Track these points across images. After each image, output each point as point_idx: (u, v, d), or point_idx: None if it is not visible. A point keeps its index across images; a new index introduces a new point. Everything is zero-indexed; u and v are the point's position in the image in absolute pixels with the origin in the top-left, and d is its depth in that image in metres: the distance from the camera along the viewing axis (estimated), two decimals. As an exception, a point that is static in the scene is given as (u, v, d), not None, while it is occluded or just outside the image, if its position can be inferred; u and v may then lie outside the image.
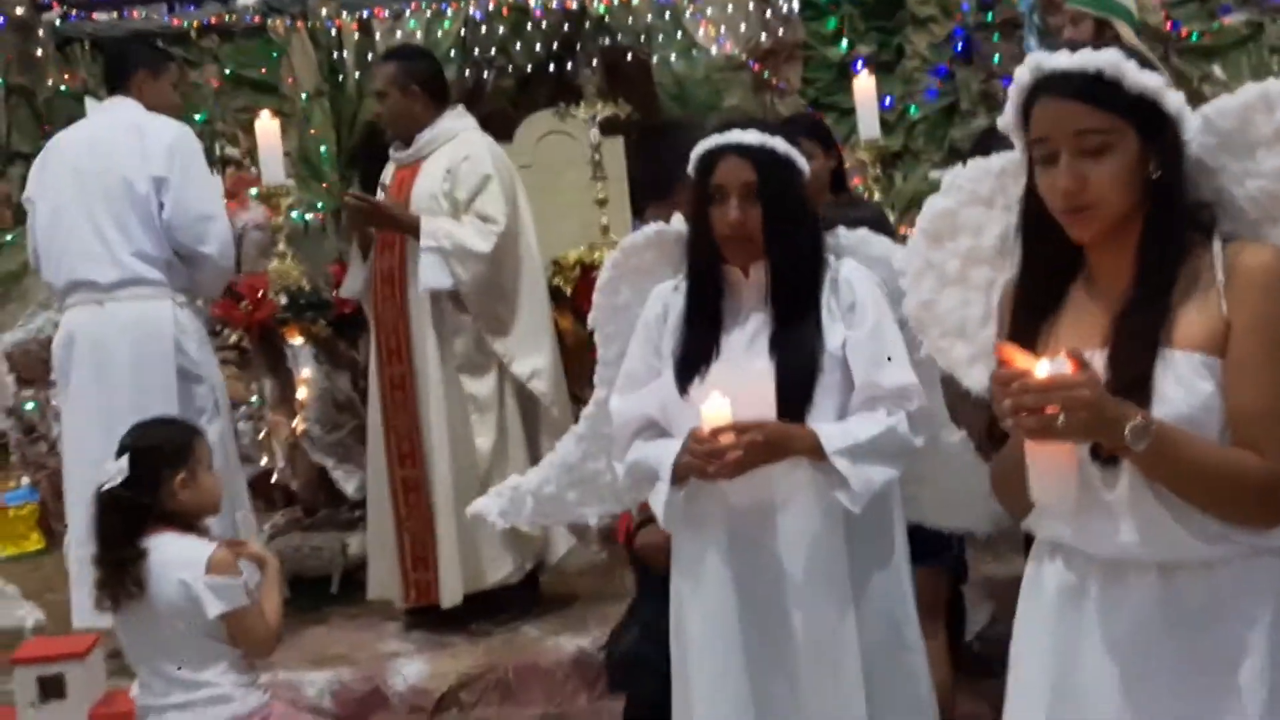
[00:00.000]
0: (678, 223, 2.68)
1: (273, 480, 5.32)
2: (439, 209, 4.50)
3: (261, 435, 5.35)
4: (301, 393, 5.06)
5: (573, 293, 4.99)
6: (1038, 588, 1.95)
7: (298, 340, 5.02)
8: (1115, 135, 1.80)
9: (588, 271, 4.84)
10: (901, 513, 2.63)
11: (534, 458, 4.57)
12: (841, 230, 2.63)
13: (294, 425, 5.06)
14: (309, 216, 6.31)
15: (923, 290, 2.23)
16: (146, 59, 4.70)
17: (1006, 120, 1.94)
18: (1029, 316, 1.92)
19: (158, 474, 2.96)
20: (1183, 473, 1.73)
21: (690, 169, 2.58)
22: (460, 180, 4.49)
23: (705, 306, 2.55)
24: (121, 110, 4.58)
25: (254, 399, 5.41)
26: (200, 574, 2.88)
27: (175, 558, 2.91)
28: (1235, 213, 1.89)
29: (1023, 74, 1.86)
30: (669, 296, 2.63)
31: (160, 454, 2.99)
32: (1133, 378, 1.75)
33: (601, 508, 2.89)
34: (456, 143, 4.59)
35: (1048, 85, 1.83)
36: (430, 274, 4.43)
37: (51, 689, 3.84)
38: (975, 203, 2.14)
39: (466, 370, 4.56)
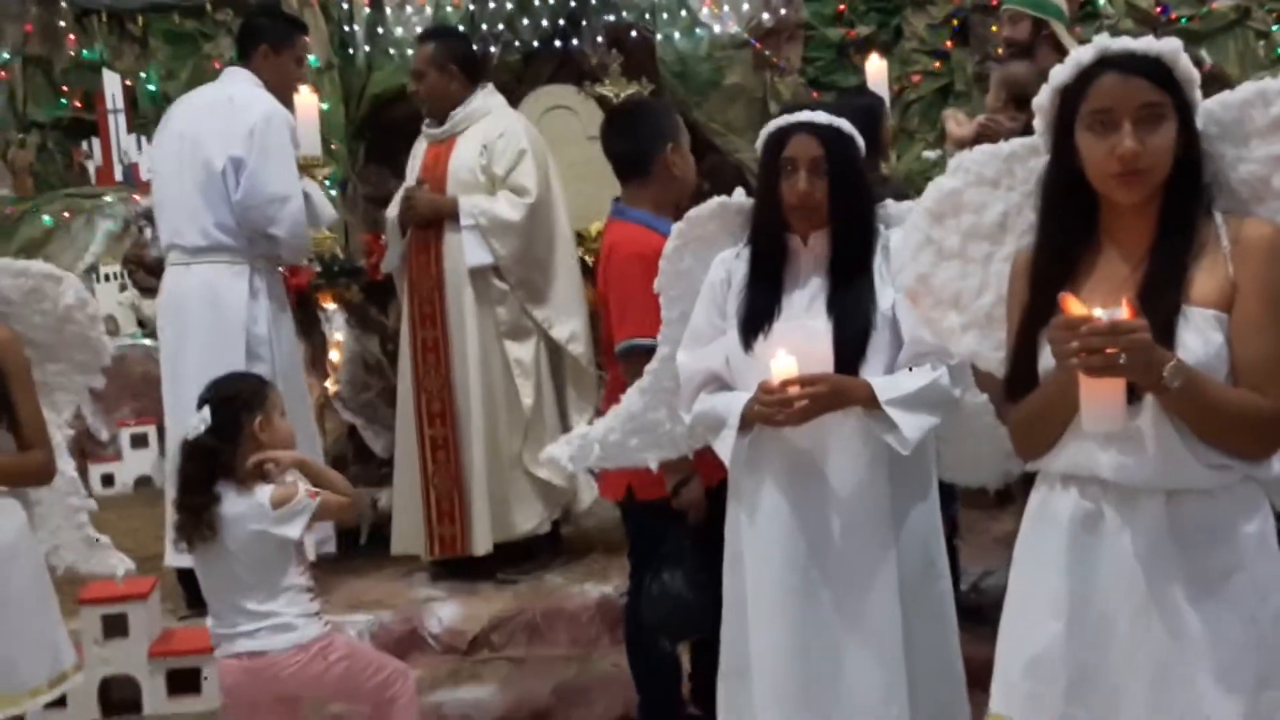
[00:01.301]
0: (739, 195, 2.89)
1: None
2: (475, 182, 4.67)
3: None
4: (334, 355, 5.23)
5: (595, 264, 5.15)
6: (1048, 515, 2.18)
7: (331, 305, 5.19)
8: (1167, 110, 2.06)
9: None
10: (934, 458, 2.86)
11: (562, 414, 4.81)
12: (890, 202, 2.84)
13: (326, 386, 5.23)
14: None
15: (921, 263, 2.43)
16: (269, 34, 4.65)
17: (1041, 101, 2.17)
18: (1052, 279, 2.13)
19: (238, 419, 3.14)
20: (1202, 408, 2.00)
21: (759, 145, 2.80)
22: (497, 156, 4.67)
23: (769, 270, 2.77)
24: (229, 83, 4.61)
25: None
26: (270, 515, 3.09)
27: (244, 511, 3.11)
28: (1229, 192, 2.15)
29: (1085, 54, 2.10)
30: (731, 263, 2.83)
31: (240, 400, 3.17)
32: (1159, 328, 1.98)
33: (660, 453, 3.08)
34: (490, 119, 4.74)
35: (1114, 63, 2.07)
36: (472, 252, 4.62)
37: (115, 627, 4.05)
38: (981, 184, 2.35)
39: (511, 336, 4.73)
